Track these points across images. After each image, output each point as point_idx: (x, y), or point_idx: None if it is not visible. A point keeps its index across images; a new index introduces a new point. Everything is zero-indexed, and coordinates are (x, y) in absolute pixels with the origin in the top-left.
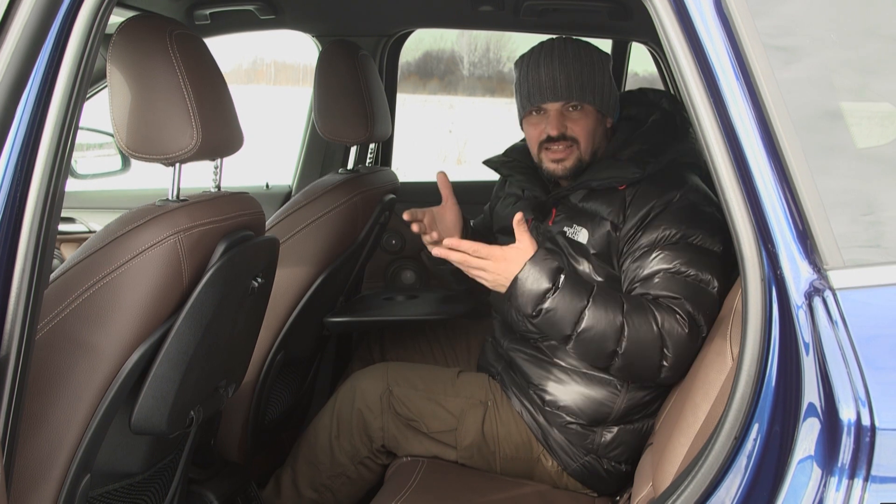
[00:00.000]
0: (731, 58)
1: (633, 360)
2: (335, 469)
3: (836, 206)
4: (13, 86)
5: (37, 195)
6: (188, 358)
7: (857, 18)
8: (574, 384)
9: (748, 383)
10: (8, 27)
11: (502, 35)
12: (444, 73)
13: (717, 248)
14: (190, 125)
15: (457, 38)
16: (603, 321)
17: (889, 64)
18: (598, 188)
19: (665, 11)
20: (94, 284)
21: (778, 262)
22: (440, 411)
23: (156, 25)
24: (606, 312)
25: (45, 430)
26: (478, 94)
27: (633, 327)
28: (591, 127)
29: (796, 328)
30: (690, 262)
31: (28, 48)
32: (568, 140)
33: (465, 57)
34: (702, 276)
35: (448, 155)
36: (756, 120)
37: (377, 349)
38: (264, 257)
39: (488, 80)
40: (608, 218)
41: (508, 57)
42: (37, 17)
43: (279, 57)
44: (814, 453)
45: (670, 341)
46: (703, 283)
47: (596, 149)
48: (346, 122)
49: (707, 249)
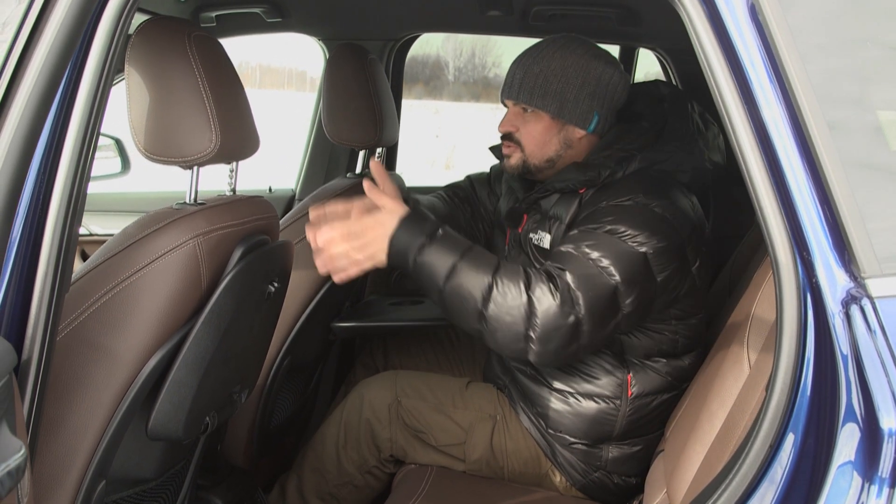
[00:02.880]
0: (765, 61)
1: (500, 324)
2: (342, 478)
3: (873, 214)
4: (45, 90)
5: (60, 197)
6: (206, 363)
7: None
8: (571, 405)
9: (783, 391)
10: (42, 30)
11: (488, 40)
12: (430, 78)
13: (644, 249)
14: (209, 128)
15: (442, 43)
16: (471, 277)
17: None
18: (562, 191)
19: (697, 15)
20: (113, 288)
21: (813, 270)
22: (449, 424)
23: (175, 27)
24: (477, 270)
25: (62, 435)
26: (463, 100)
27: (500, 288)
28: (539, 133)
29: (833, 336)
30: (598, 247)
31: (62, 51)
32: (514, 140)
33: (450, 62)
34: (602, 263)
35: (436, 160)
36: (790, 125)
37: (380, 354)
38: (280, 262)
39: (474, 85)
40: (566, 221)
41: (493, 62)
42: (71, 20)
43: (264, 60)
44: (854, 459)
45: (538, 309)
46: (601, 268)
47: (553, 156)
48: (355, 127)
49: (627, 245)
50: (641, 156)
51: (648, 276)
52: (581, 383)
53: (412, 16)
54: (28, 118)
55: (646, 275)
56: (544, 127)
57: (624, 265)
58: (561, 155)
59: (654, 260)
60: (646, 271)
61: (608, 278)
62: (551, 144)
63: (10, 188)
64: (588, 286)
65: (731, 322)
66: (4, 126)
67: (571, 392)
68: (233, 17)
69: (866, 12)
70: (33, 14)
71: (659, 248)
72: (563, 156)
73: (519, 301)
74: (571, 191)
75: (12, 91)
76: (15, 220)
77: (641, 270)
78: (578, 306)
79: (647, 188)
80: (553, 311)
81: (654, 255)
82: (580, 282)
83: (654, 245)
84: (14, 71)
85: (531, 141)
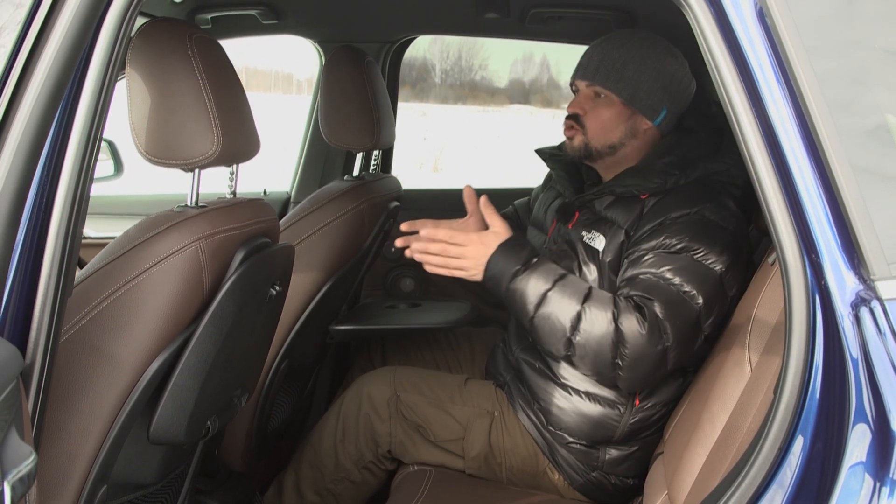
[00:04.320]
0: (773, 62)
1: (587, 351)
2: (339, 473)
3: (882, 216)
4: (52, 93)
5: (63, 200)
6: (208, 367)
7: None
8: (576, 404)
9: (792, 394)
10: (50, 31)
11: (475, 43)
12: (416, 81)
13: (719, 267)
14: (211, 130)
15: (429, 46)
16: (561, 306)
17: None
18: (621, 195)
19: (704, 16)
20: (115, 292)
21: (822, 273)
22: (447, 419)
23: (175, 29)
24: (567, 298)
25: (64, 440)
26: (450, 102)
27: (588, 317)
28: (608, 118)
29: (842, 338)
30: (679, 272)
31: (69, 54)
32: (579, 123)
33: (437, 64)
34: (685, 288)
35: (424, 162)
36: (798, 126)
37: (378, 357)
38: (281, 265)
39: (460, 87)
40: (624, 227)
41: (480, 65)
42: (78, 23)
43: (251, 63)
44: (865, 461)
45: (627, 338)
46: (685, 294)
47: (616, 142)
48: (353, 129)
49: (704, 265)
50: (704, 165)
51: (723, 294)
52: (590, 385)
53: (409, 18)
54: (34, 122)
55: (722, 294)
56: (615, 112)
57: (706, 288)
58: (624, 143)
59: (727, 277)
60: (721, 290)
61: (693, 304)
62: (617, 130)
63: (16, 192)
64: (676, 314)
65: (731, 324)
66: (11, 130)
67: (578, 390)
68: (228, 20)
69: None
70: (39, 17)
71: (730, 265)
72: (626, 144)
73: (607, 330)
74: (632, 196)
75: (18, 96)
76: (20, 222)
77: (718, 290)
78: (667, 335)
79: (712, 201)
80: (642, 342)
81: (727, 272)
82: (668, 311)
83: (726, 262)
84: (20, 74)
85: (598, 124)
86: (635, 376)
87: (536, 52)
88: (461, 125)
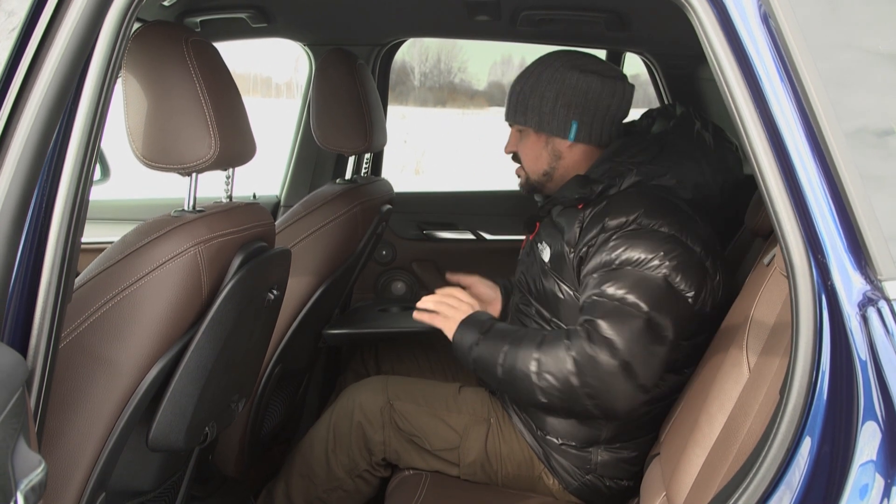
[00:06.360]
0: (777, 64)
1: (556, 390)
2: (331, 482)
3: (889, 216)
4: (57, 96)
5: (63, 205)
6: (207, 372)
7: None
8: None
9: (799, 395)
10: (54, 35)
11: (454, 45)
12: (395, 84)
13: (662, 272)
14: (208, 134)
15: (408, 49)
16: (519, 358)
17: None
18: (562, 203)
19: (708, 19)
20: (114, 297)
21: (829, 274)
22: (443, 428)
23: (172, 33)
24: (523, 349)
25: (62, 447)
26: (429, 105)
27: (545, 358)
28: (530, 150)
29: (849, 339)
30: (620, 286)
31: (73, 58)
32: (518, 161)
33: (416, 67)
34: (629, 300)
35: (406, 165)
36: (804, 127)
37: (371, 361)
38: (279, 269)
39: (440, 90)
40: (566, 237)
41: (459, 68)
42: (82, 27)
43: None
44: (875, 458)
45: (583, 364)
46: (628, 305)
47: (547, 169)
48: (345, 132)
49: (645, 274)
50: (638, 170)
51: (676, 297)
52: None
53: (400, 21)
54: (37, 130)
55: (673, 297)
56: (532, 142)
57: (648, 294)
58: (554, 167)
59: (675, 279)
60: (671, 293)
61: (637, 312)
62: (541, 159)
63: (20, 198)
64: (621, 327)
65: (727, 325)
66: (15, 137)
67: None
68: (218, 23)
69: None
70: (43, 21)
71: (676, 268)
72: (556, 167)
73: (563, 363)
74: (571, 204)
75: (21, 101)
76: (23, 228)
77: (666, 294)
78: (618, 349)
79: (647, 206)
80: (595, 363)
81: (674, 274)
82: (612, 325)
83: (670, 266)
84: (24, 78)
85: (528, 159)
86: (612, 399)
87: (515, 55)
88: (441, 128)
